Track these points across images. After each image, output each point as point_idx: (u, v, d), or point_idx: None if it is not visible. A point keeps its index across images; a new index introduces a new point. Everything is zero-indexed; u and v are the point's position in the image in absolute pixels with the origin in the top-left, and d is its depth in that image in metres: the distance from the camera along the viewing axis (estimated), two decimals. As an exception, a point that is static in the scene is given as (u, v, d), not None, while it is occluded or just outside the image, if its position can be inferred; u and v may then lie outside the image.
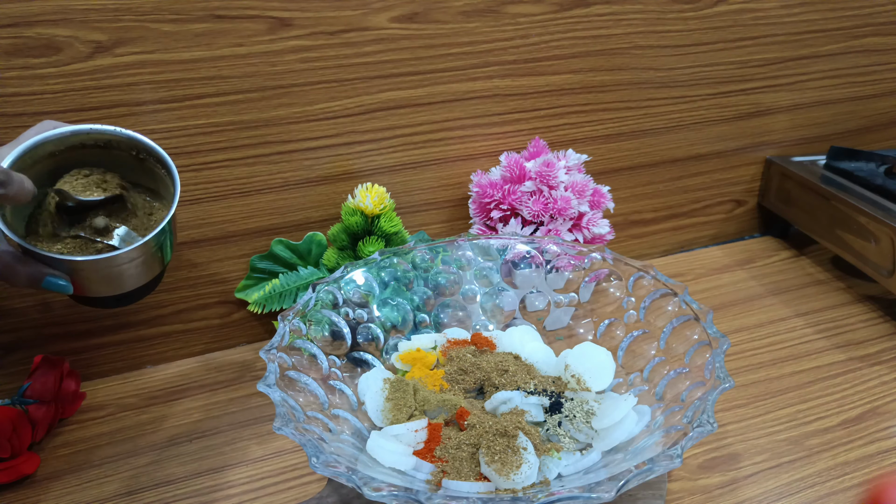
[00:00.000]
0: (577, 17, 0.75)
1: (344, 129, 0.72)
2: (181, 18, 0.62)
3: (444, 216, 0.81)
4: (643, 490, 0.54)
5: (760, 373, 0.70)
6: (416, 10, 0.69)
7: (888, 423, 0.63)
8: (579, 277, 0.66)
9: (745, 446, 0.61)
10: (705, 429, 0.46)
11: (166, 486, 0.58)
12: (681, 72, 0.83)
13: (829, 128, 0.95)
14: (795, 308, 0.80)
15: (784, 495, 0.56)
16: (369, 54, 0.69)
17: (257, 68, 0.66)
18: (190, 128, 0.67)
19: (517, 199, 0.71)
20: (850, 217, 0.79)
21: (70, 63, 0.61)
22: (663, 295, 0.61)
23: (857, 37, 0.90)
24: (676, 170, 0.89)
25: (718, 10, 0.81)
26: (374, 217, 0.70)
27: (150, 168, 0.55)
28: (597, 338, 0.65)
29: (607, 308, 0.65)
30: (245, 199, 0.72)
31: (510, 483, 0.50)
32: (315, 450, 0.45)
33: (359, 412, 0.57)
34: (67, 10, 0.59)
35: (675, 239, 0.94)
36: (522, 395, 0.58)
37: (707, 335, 0.56)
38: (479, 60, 0.74)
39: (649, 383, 0.58)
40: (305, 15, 0.66)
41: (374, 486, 0.42)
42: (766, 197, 0.95)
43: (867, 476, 0.58)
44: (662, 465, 0.43)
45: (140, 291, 0.55)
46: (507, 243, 0.67)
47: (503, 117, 0.78)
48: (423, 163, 0.77)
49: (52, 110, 0.62)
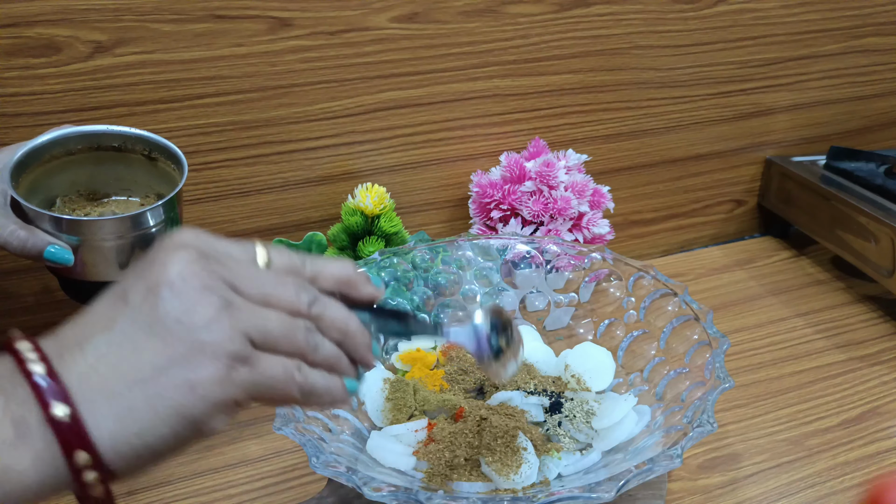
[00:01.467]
0: (577, 17, 0.75)
1: (344, 129, 0.72)
2: (181, 18, 0.62)
3: (444, 216, 0.81)
4: (643, 490, 0.54)
5: (760, 373, 0.70)
6: (416, 10, 0.69)
7: (888, 423, 0.63)
8: (579, 277, 0.66)
9: (746, 446, 0.61)
10: (705, 429, 0.46)
11: (166, 486, 0.58)
12: (681, 72, 0.83)
13: (829, 128, 0.95)
14: (795, 308, 0.80)
15: (784, 495, 0.56)
16: (369, 54, 0.69)
17: (257, 68, 0.66)
18: (190, 128, 0.67)
19: (517, 199, 0.71)
20: (850, 217, 0.79)
21: (70, 63, 0.61)
22: (663, 295, 0.61)
23: (857, 37, 0.89)
24: (676, 170, 0.89)
25: (718, 10, 0.81)
26: (374, 217, 0.70)
27: (163, 169, 0.55)
28: (597, 338, 0.65)
29: (607, 308, 0.65)
30: (245, 199, 0.72)
31: (510, 483, 0.50)
32: (315, 450, 0.45)
33: (359, 412, 0.57)
34: (67, 10, 0.59)
35: (675, 239, 0.94)
36: (522, 395, 0.58)
37: (707, 335, 0.56)
38: (479, 60, 0.74)
39: (649, 383, 0.58)
40: (305, 15, 0.66)
41: (374, 486, 0.42)
42: (766, 197, 0.94)
43: (867, 476, 0.58)
44: (662, 465, 0.43)
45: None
46: (507, 243, 0.67)
47: (503, 117, 0.78)
48: (423, 163, 0.77)
49: (52, 110, 0.62)
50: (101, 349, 0.28)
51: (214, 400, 0.29)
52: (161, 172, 0.56)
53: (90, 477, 0.27)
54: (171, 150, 0.55)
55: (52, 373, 0.27)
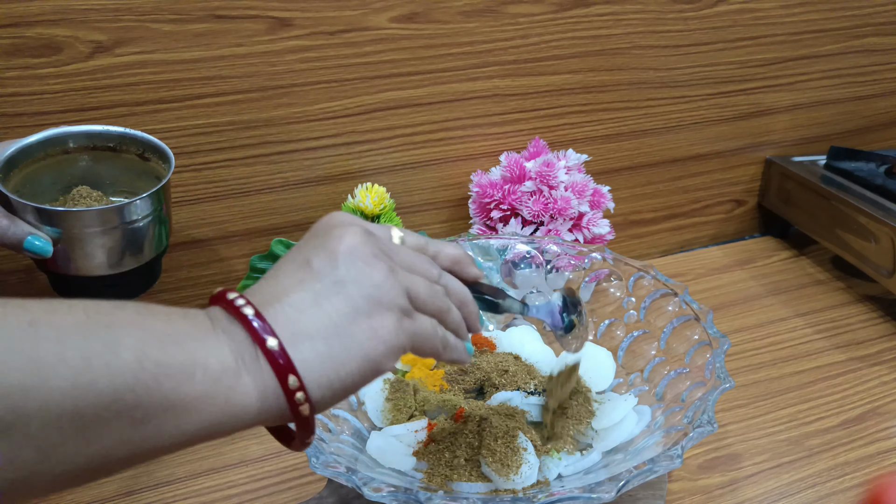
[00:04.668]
0: (577, 17, 0.75)
1: (344, 129, 0.72)
2: (181, 18, 0.62)
3: (444, 216, 0.81)
4: (643, 490, 0.54)
5: (760, 373, 0.70)
6: (416, 10, 0.69)
7: (888, 423, 0.63)
8: (579, 277, 0.66)
9: (746, 446, 0.61)
10: (705, 429, 0.46)
11: (166, 486, 0.58)
12: (681, 72, 0.83)
13: (829, 128, 0.95)
14: (795, 308, 0.80)
15: (784, 495, 0.56)
16: (369, 54, 0.69)
17: (257, 68, 0.66)
18: (190, 128, 0.66)
19: (517, 199, 0.71)
20: (850, 217, 0.79)
21: (70, 63, 0.61)
22: (663, 295, 0.61)
23: (857, 37, 0.89)
24: (676, 170, 0.89)
25: (718, 10, 0.81)
26: (374, 217, 0.70)
27: (155, 169, 0.55)
28: (597, 338, 0.65)
29: (607, 308, 0.65)
30: (245, 199, 0.72)
31: (510, 483, 0.50)
32: (315, 450, 0.45)
33: (359, 412, 0.57)
34: (67, 10, 0.59)
35: (675, 239, 0.94)
36: (522, 396, 0.58)
37: (707, 335, 0.56)
38: (479, 60, 0.74)
39: (649, 383, 0.58)
40: (305, 15, 0.66)
41: (374, 487, 0.42)
42: (766, 197, 0.94)
43: (867, 476, 0.58)
44: (663, 466, 0.43)
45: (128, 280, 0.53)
46: (507, 243, 0.67)
47: (503, 117, 0.78)
48: (423, 163, 0.77)
49: (52, 110, 0.62)
50: (296, 304, 0.33)
51: (391, 344, 0.35)
52: (155, 173, 0.56)
53: (300, 396, 0.32)
54: (159, 148, 0.55)
55: (261, 315, 0.32)
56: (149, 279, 0.56)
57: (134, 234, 0.51)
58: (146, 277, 0.55)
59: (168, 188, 0.53)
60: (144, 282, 0.55)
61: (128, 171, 0.56)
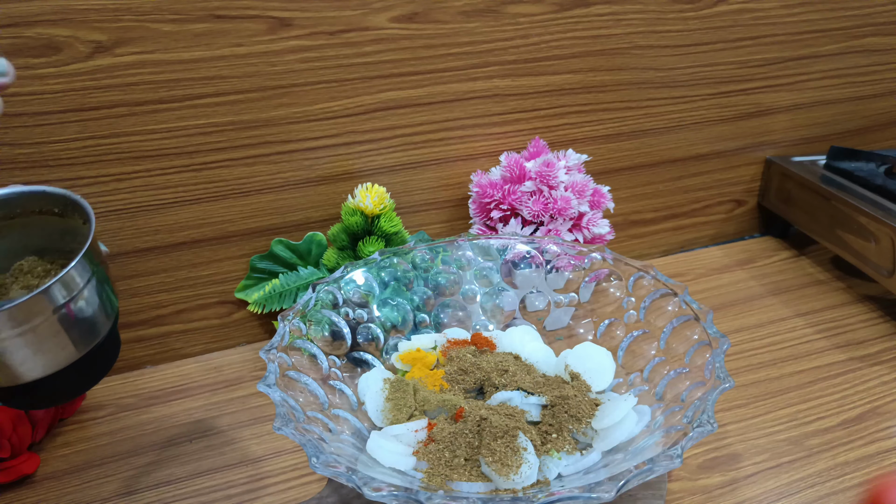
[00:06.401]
0: (577, 17, 0.75)
1: (344, 129, 0.72)
2: (181, 18, 0.62)
3: (444, 216, 0.81)
4: (643, 490, 0.54)
5: (760, 373, 0.70)
6: (416, 10, 0.69)
7: (888, 423, 0.63)
8: (579, 277, 0.66)
9: (745, 446, 0.61)
10: (705, 429, 0.46)
11: (166, 486, 0.58)
12: (681, 72, 0.83)
13: (829, 128, 0.95)
14: (795, 308, 0.80)
15: (784, 495, 0.56)
16: (369, 54, 0.69)
17: (257, 68, 0.66)
18: (190, 128, 0.67)
19: (517, 199, 0.71)
20: (850, 217, 0.79)
21: (70, 63, 0.61)
22: (663, 295, 0.61)
23: (857, 37, 0.89)
24: (676, 170, 0.89)
25: (718, 10, 0.81)
26: (374, 217, 0.70)
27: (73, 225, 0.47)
28: (597, 338, 0.65)
29: (607, 308, 0.65)
30: (245, 199, 0.72)
31: (510, 483, 0.50)
32: (315, 450, 0.45)
33: (359, 412, 0.57)
34: (67, 10, 0.59)
35: (675, 239, 0.94)
36: (522, 396, 0.58)
37: (707, 335, 0.56)
38: (479, 60, 0.74)
39: (649, 383, 0.58)
40: (305, 15, 0.66)
41: (374, 486, 0.42)
42: (766, 197, 0.95)
43: (867, 476, 0.58)
44: (662, 466, 0.43)
45: (52, 385, 0.43)
46: (507, 243, 0.67)
47: (503, 117, 0.78)
48: (423, 163, 0.77)
49: (52, 110, 0.62)
50: None
51: None
52: (70, 229, 0.47)
53: None
54: (74, 202, 0.45)
55: None
56: (83, 382, 0.45)
57: (45, 332, 0.41)
58: (77, 379, 0.44)
59: (96, 244, 0.44)
60: (74, 384, 0.44)
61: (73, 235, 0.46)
